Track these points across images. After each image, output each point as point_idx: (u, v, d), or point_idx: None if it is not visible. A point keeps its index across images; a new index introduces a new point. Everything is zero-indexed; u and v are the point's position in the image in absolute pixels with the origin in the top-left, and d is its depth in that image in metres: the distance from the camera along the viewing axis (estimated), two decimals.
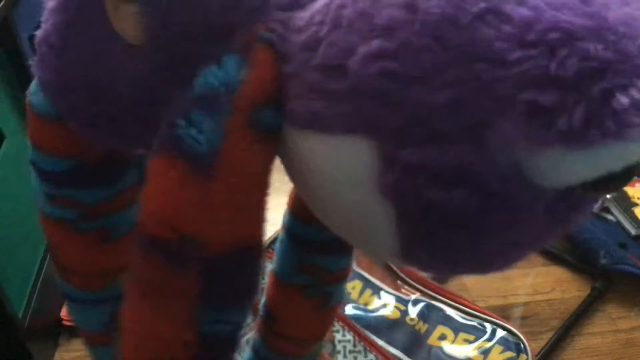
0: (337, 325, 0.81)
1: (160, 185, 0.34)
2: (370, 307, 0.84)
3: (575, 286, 0.94)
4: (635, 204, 1.04)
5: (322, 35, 0.31)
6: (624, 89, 0.25)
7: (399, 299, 0.85)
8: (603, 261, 0.93)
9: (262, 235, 0.36)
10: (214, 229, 0.34)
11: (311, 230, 0.51)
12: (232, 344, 0.38)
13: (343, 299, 0.58)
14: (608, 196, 1.05)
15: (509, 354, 0.78)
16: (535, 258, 0.98)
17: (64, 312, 0.84)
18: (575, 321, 0.87)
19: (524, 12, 0.26)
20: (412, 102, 0.28)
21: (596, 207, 1.05)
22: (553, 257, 0.98)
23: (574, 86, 0.25)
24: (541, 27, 0.25)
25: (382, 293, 0.86)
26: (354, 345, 0.79)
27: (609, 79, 0.25)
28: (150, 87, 0.38)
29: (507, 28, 0.26)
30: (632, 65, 0.25)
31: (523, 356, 0.78)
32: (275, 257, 0.56)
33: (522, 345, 0.79)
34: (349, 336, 0.80)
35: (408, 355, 0.78)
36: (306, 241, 0.52)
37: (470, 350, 0.79)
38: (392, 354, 0.78)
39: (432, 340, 0.80)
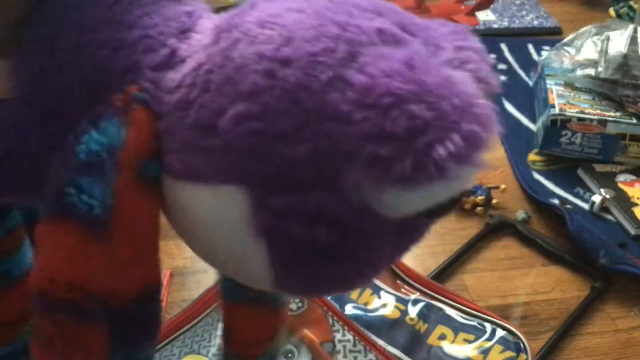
0: (337, 325, 0.81)
1: (59, 252, 0.35)
2: (370, 307, 0.84)
3: (575, 286, 0.94)
4: (635, 204, 1.04)
5: (193, 97, 0.35)
6: (441, 141, 0.30)
7: (398, 299, 0.85)
8: (603, 261, 0.93)
9: (159, 273, 0.40)
10: (119, 282, 0.36)
11: None
12: None
13: (286, 299, 0.63)
14: (608, 196, 1.05)
15: (509, 353, 0.78)
16: (535, 258, 0.98)
17: None
18: (574, 321, 0.87)
19: (362, 79, 0.31)
20: (277, 156, 0.32)
21: (596, 207, 1.05)
22: (553, 257, 0.98)
23: (404, 141, 0.30)
24: (377, 92, 0.31)
25: (381, 293, 0.86)
26: (354, 345, 0.79)
27: (430, 134, 0.30)
28: (19, 140, 0.40)
29: (349, 93, 0.31)
30: (447, 122, 0.30)
31: (523, 356, 0.78)
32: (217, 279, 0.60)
33: (521, 345, 0.79)
34: (348, 336, 0.80)
35: (408, 355, 0.78)
36: None
37: (470, 350, 0.79)
38: (392, 354, 0.78)
39: (432, 340, 0.80)
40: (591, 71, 1.22)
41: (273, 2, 0.36)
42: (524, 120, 1.30)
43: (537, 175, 1.14)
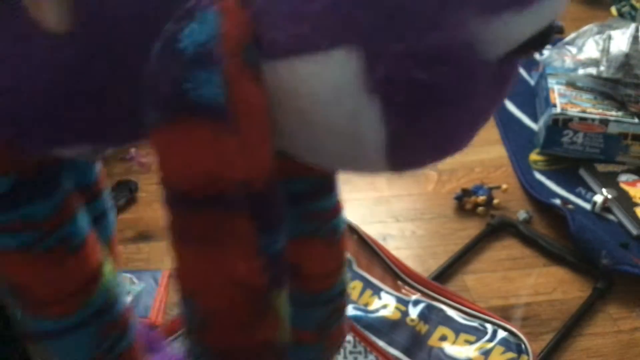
0: None
1: (192, 149, 0.36)
2: (370, 308, 0.83)
3: (577, 287, 0.93)
4: (637, 204, 1.04)
5: None
6: None
7: (399, 300, 0.85)
8: (604, 261, 0.92)
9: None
10: (252, 167, 0.37)
11: (295, 184, 0.54)
12: (285, 261, 0.43)
13: (345, 226, 0.63)
14: (609, 196, 1.05)
15: (510, 354, 0.78)
16: (536, 259, 0.98)
17: None
18: (576, 322, 0.87)
19: None
20: (379, 13, 0.33)
21: (598, 207, 1.04)
22: (554, 258, 0.98)
23: None
24: None
25: (382, 294, 0.86)
26: (354, 346, 0.79)
27: None
28: (85, 75, 0.39)
29: None
30: None
31: (524, 357, 0.78)
32: None
33: (523, 346, 0.79)
34: (349, 337, 0.80)
35: (408, 356, 0.78)
36: (294, 195, 0.54)
37: (471, 351, 0.78)
38: (393, 355, 0.78)
39: (433, 341, 0.80)
40: (593, 70, 1.21)
41: None
42: (526, 120, 1.29)
43: (538, 175, 1.14)
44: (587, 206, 1.06)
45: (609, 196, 1.05)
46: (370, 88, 0.34)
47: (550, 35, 0.36)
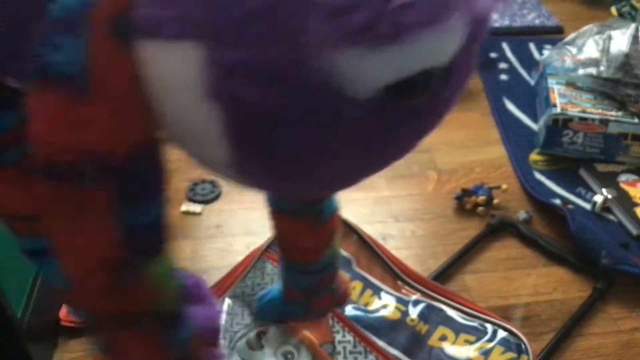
0: (337, 326, 0.81)
1: (47, 115, 0.36)
2: (370, 308, 0.83)
3: (577, 287, 0.93)
4: (637, 204, 1.04)
5: None
6: None
7: (399, 300, 0.85)
8: (604, 261, 0.92)
9: (153, 132, 0.39)
10: (108, 140, 0.37)
11: None
12: (157, 232, 0.42)
13: (336, 209, 0.65)
14: (609, 196, 1.05)
15: (510, 354, 0.78)
16: (536, 259, 0.98)
17: (63, 313, 0.84)
18: (576, 322, 0.87)
19: None
20: (234, 6, 0.31)
21: (598, 207, 1.04)
22: (554, 258, 0.98)
23: None
24: None
25: (382, 294, 0.86)
26: (354, 346, 0.79)
27: None
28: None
29: None
30: None
31: (524, 357, 0.78)
32: None
33: (523, 346, 0.79)
34: (349, 337, 0.79)
35: (408, 356, 0.78)
36: None
37: (471, 351, 0.78)
38: (393, 355, 0.78)
39: (433, 341, 0.80)
40: (593, 70, 1.21)
41: None
42: (526, 120, 1.29)
43: (538, 175, 1.14)
44: (587, 206, 1.06)
45: (609, 196, 1.05)
46: (211, 93, 0.33)
47: (427, 81, 0.33)
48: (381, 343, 0.79)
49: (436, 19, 0.30)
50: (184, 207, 1.03)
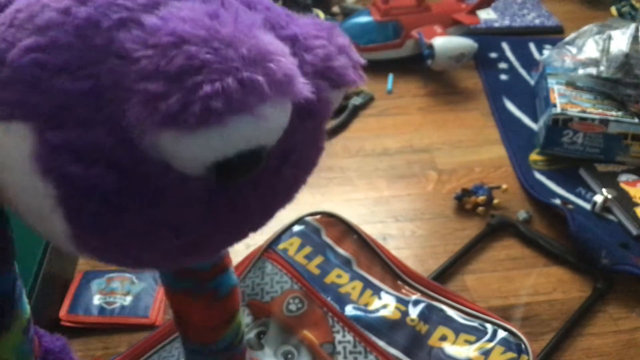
0: (337, 326, 0.81)
1: None
2: (370, 308, 0.83)
3: (577, 286, 0.93)
4: (637, 204, 1.04)
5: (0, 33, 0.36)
6: (212, 82, 0.31)
7: (399, 300, 0.85)
8: (604, 261, 0.92)
9: None
10: None
11: None
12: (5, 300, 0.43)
13: (235, 284, 0.63)
14: (609, 196, 1.05)
15: (510, 354, 0.78)
16: (536, 259, 0.98)
17: (62, 313, 0.84)
18: (576, 322, 0.87)
19: (154, 21, 0.33)
20: (58, 89, 0.33)
21: (598, 207, 1.04)
22: (554, 258, 0.98)
23: (175, 79, 0.31)
24: (162, 33, 0.32)
25: (382, 294, 0.86)
26: (354, 346, 0.79)
27: (202, 75, 0.31)
28: None
29: (137, 32, 0.33)
30: (226, 66, 0.31)
31: (524, 357, 0.77)
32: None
33: (523, 346, 0.79)
34: (349, 337, 0.80)
35: (408, 356, 0.78)
36: None
37: (471, 351, 0.78)
38: (393, 355, 0.78)
39: (433, 341, 0.80)
40: (593, 70, 1.21)
41: None
42: (526, 120, 1.29)
43: (538, 175, 1.14)
44: (587, 206, 1.06)
45: (609, 196, 1.05)
46: (43, 173, 0.34)
47: (255, 161, 0.35)
48: (381, 343, 0.79)
49: (244, 106, 0.32)
50: None
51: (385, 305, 0.84)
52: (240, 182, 0.37)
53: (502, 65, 1.49)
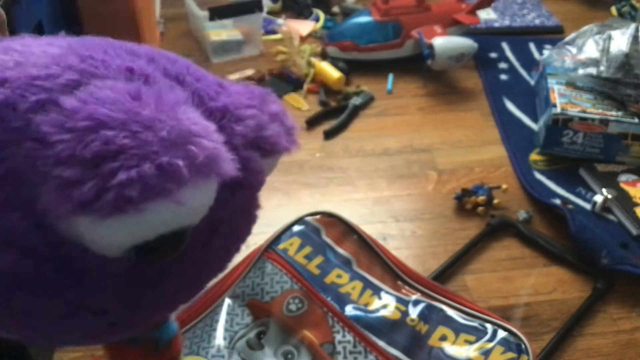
0: (337, 326, 0.81)
1: None
2: (370, 308, 0.83)
3: (577, 286, 0.93)
4: (637, 204, 1.04)
5: None
6: (127, 168, 0.30)
7: (399, 300, 0.85)
8: (604, 261, 0.92)
9: None
10: None
11: None
12: None
13: (175, 335, 0.59)
14: (609, 196, 1.05)
15: (510, 354, 0.78)
16: (536, 259, 0.98)
17: None
18: (576, 322, 0.87)
19: (73, 103, 0.32)
20: None
21: (598, 207, 1.04)
22: (554, 258, 0.98)
23: (90, 165, 0.30)
24: (79, 116, 0.31)
25: (382, 294, 0.86)
26: (354, 346, 0.79)
27: (119, 161, 0.30)
28: None
29: (54, 115, 0.32)
30: (145, 151, 0.31)
31: (524, 357, 0.77)
32: None
33: (523, 346, 0.79)
34: (349, 337, 0.79)
35: (408, 356, 0.78)
36: None
37: (471, 351, 0.78)
38: (393, 355, 0.78)
39: (433, 341, 0.80)
40: (593, 70, 1.21)
41: (41, 39, 0.37)
42: (526, 120, 1.29)
43: (538, 175, 1.14)
44: (587, 206, 1.06)
45: (609, 196, 1.05)
46: None
47: (177, 241, 0.34)
48: (381, 343, 0.79)
49: (162, 192, 0.31)
50: None
51: (385, 305, 0.84)
52: (162, 261, 0.36)
53: (502, 65, 1.49)
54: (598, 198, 1.05)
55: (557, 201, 1.06)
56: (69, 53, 0.35)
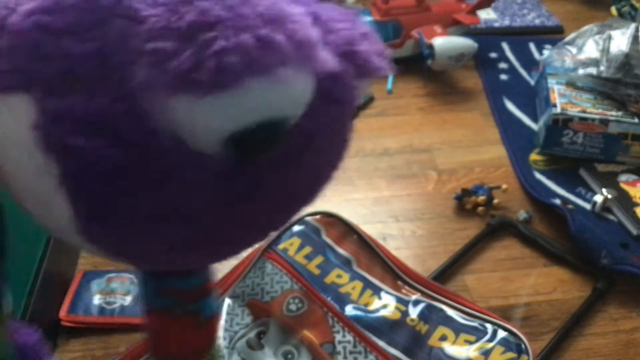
0: (337, 326, 0.81)
1: None
2: (370, 308, 0.83)
3: (577, 286, 0.93)
4: (637, 204, 1.04)
5: None
6: (227, 38, 0.28)
7: (399, 300, 0.85)
8: (604, 261, 0.92)
9: None
10: None
11: None
12: None
13: (215, 313, 0.58)
14: (609, 196, 1.05)
15: (510, 354, 0.78)
16: (536, 259, 0.98)
17: (62, 313, 0.84)
18: (576, 322, 0.87)
19: None
20: (61, 53, 0.30)
21: (598, 207, 1.04)
22: (554, 258, 0.98)
23: (187, 35, 0.28)
24: None
25: (382, 293, 0.86)
26: (354, 346, 0.79)
27: (216, 30, 0.28)
28: None
29: None
30: (243, 23, 0.29)
31: (524, 357, 0.77)
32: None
33: (523, 346, 0.79)
34: (349, 337, 0.79)
35: (409, 356, 0.78)
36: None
37: (471, 351, 0.78)
38: (393, 355, 0.78)
39: (433, 341, 0.80)
40: (593, 70, 1.21)
41: None
42: (526, 120, 1.29)
43: (538, 175, 1.14)
44: (587, 206, 1.06)
45: (609, 196, 1.05)
46: (43, 145, 0.31)
47: (274, 135, 0.32)
48: (381, 343, 0.79)
49: (262, 66, 0.29)
50: None
51: (385, 305, 0.84)
52: (259, 164, 0.34)
53: (502, 65, 1.49)
54: (598, 198, 1.05)
55: (557, 201, 1.05)
56: None
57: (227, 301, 0.83)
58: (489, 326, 0.81)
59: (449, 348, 0.79)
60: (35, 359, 0.55)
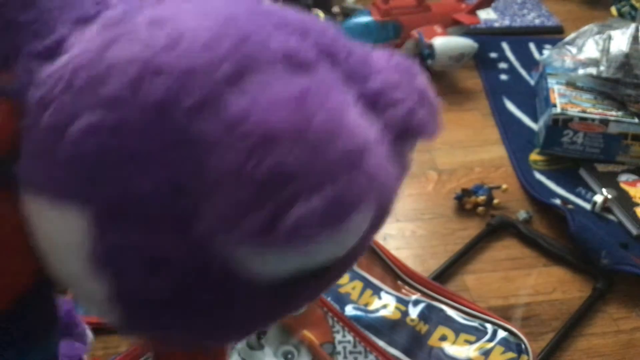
0: (337, 326, 0.81)
1: None
2: (370, 308, 0.83)
3: (577, 287, 0.93)
4: (637, 204, 1.04)
5: (55, 93, 0.30)
6: (308, 195, 0.26)
7: (399, 300, 0.85)
8: (604, 261, 0.92)
9: (40, 271, 0.34)
10: None
11: None
12: None
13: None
14: (609, 196, 1.05)
15: (510, 354, 0.78)
16: (536, 259, 0.98)
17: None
18: (576, 322, 0.87)
19: (238, 105, 0.27)
20: (124, 180, 0.28)
21: (598, 207, 1.04)
22: (554, 258, 0.98)
23: (264, 187, 0.26)
24: (249, 124, 0.26)
25: (382, 293, 0.86)
26: (354, 346, 0.79)
27: (296, 185, 0.26)
28: None
29: (219, 120, 0.27)
30: (323, 177, 0.26)
31: (524, 357, 0.77)
32: None
33: (523, 346, 0.79)
34: (349, 337, 0.79)
35: (408, 356, 0.78)
36: None
37: (471, 351, 0.78)
38: (393, 355, 0.78)
39: (433, 341, 0.80)
40: (593, 70, 1.21)
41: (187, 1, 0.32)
42: (526, 120, 1.29)
43: (538, 175, 1.14)
44: (587, 206, 1.06)
45: (609, 196, 1.05)
46: (97, 263, 0.30)
47: (321, 276, 0.32)
48: (381, 343, 0.79)
49: (337, 221, 0.27)
50: None
51: (385, 305, 0.84)
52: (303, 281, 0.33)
53: (502, 65, 1.49)
54: (598, 198, 1.05)
55: (557, 201, 1.06)
56: (226, 26, 0.30)
57: None
58: (489, 326, 0.81)
59: (449, 348, 0.79)
60: (69, 325, 0.53)
